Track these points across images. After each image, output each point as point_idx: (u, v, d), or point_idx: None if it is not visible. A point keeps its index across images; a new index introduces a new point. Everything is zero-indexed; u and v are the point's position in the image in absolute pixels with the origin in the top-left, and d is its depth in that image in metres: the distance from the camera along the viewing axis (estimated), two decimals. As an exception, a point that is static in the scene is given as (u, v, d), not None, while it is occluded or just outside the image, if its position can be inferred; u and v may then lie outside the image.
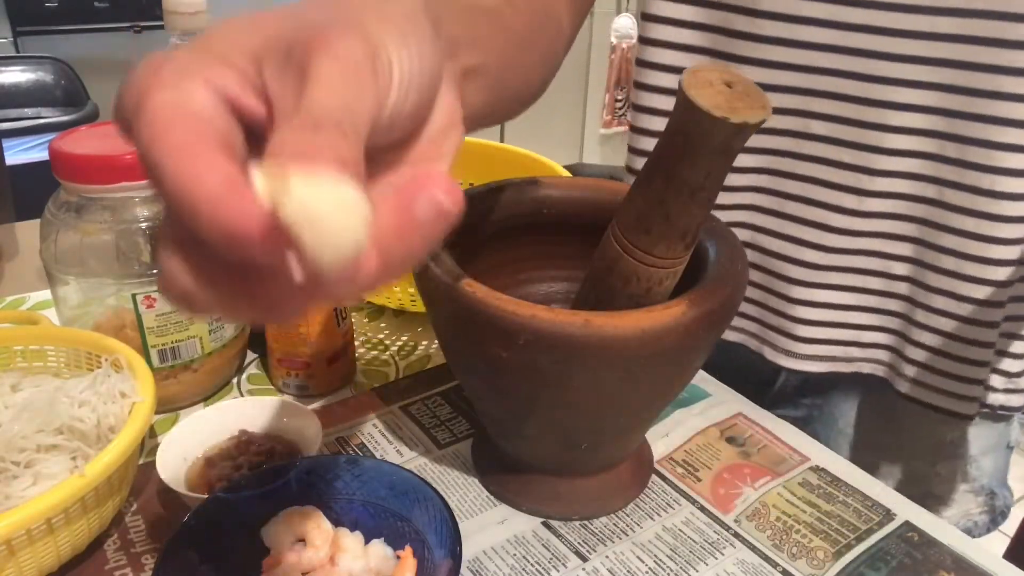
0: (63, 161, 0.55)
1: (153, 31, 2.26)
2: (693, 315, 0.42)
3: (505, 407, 0.50)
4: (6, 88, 1.91)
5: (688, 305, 0.42)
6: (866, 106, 0.55)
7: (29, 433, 0.48)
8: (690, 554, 0.50)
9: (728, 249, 0.48)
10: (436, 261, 0.46)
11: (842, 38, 0.54)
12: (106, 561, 0.48)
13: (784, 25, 0.55)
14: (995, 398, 0.64)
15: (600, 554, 0.50)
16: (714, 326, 0.44)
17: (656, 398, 0.49)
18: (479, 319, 0.43)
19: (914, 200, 0.58)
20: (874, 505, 0.54)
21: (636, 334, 0.41)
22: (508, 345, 0.43)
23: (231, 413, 0.56)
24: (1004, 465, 0.71)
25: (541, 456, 0.53)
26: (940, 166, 0.56)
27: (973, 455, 0.67)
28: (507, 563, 0.49)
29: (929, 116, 0.55)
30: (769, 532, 0.52)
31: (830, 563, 0.49)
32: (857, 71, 0.55)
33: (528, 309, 0.42)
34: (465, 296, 0.43)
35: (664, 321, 0.42)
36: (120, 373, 0.52)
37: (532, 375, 0.45)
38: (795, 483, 0.56)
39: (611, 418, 0.49)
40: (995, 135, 0.53)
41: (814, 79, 0.56)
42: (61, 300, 0.60)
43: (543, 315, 0.41)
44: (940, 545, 0.51)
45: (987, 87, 0.52)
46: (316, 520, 0.45)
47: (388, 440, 0.60)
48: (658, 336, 0.42)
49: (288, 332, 0.62)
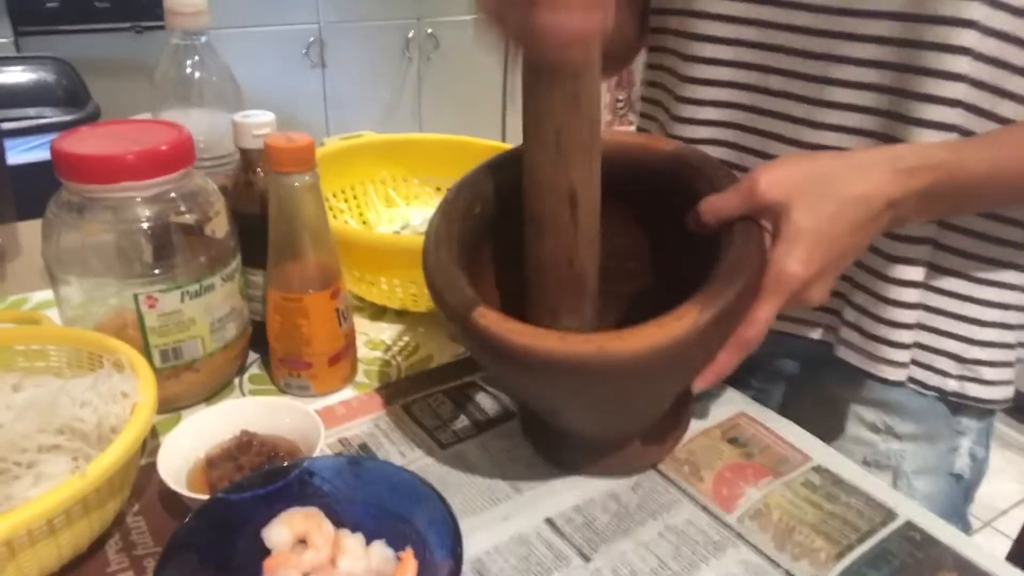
0: (65, 161, 0.55)
1: (154, 31, 2.26)
2: (706, 319, 0.43)
3: (533, 407, 0.54)
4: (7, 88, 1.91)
5: (700, 311, 0.43)
6: (814, 60, 0.58)
7: (30, 433, 0.48)
8: (692, 555, 0.50)
9: (743, 227, 0.48)
10: (450, 289, 0.48)
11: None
12: (107, 562, 0.48)
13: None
14: (948, 383, 0.63)
15: (603, 554, 0.50)
16: (728, 320, 0.45)
17: (678, 389, 0.51)
18: (495, 352, 0.45)
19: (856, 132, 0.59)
20: (876, 505, 0.54)
21: (649, 353, 0.42)
22: (525, 370, 0.45)
23: (233, 413, 0.56)
24: (945, 496, 0.66)
25: (579, 431, 0.56)
26: (881, 120, 0.57)
27: (906, 471, 0.65)
28: (510, 563, 0.49)
29: (872, 70, 0.56)
30: (771, 532, 0.52)
31: (832, 563, 0.49)
32: (808, 26, 0.57)
33: (542, 341, 0.43)
34: (479, 330, 0.45)
35: (676, 334, 0.42)
36: (122, 373, 0.52)
37: (552, 392, 0.47)
38: (797, 483, 0.56)
39: (634, 412, 0.51)
40: (932, 88, 0.54)
41: (772, 34, 0.59)
42: (63, 300, 0.60)
43: (555, 347, 0.43)
44: (942, 545, 0.51)
45: (930, 39, 0.53)
46: (317, 521, 0.45)
47: (391, 440, 0.60)
48: (671, 348, 0.42)
49: (290, 332, 0.62)
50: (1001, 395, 0.63)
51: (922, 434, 0.65)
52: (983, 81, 0.54)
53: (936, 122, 0.54)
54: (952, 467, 0.66)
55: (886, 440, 0.65)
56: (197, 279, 0.59)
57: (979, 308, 0.61)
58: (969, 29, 0.52)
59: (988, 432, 0.68)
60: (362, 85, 2.74)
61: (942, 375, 0.63)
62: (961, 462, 0.66)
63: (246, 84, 0.72)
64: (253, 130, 0.63)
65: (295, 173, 0.58)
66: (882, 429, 0.65)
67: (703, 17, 0.62)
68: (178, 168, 0.57)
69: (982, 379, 0.63)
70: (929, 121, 0.55)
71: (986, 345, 0.62)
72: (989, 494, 1.89)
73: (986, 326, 0.61)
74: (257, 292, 0.67)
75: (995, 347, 0.62)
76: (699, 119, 0.64)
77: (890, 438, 0.65)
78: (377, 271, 0.71)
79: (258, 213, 0.62)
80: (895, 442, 0.65)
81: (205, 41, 0.69)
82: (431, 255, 0.51)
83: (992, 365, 0.62)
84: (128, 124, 0.62)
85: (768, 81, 0.60)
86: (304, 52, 2.58)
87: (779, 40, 0.59)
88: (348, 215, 0.86)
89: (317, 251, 0.61)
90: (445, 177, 0.91)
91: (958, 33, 0.52)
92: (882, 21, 0.54)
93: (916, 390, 0.63)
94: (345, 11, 2.61)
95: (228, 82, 0.71)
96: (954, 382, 0.63)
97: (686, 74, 0.64)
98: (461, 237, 0.52)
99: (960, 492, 0.68)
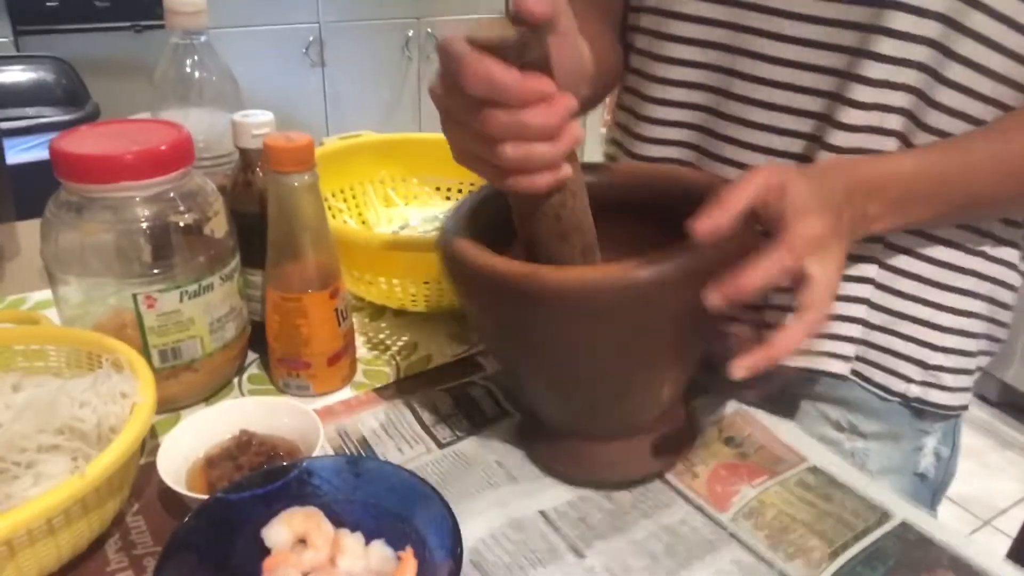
0: (64, 160, 0.55)
1: (154, 30, 2.26)
2: (644, 275, 0.43)
3: (503, 363, 0.56)
4: (6, 87, 1.91)
5: (637, 264, 0.43)
6: (771, 64, 0.58)
7: (30, 433, 0.48)
8: (686, 552, 0.50)
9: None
10: (445, 234, 0.51)
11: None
12: (107, 562, 0.48)
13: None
14: (911, 389, 0.63)
15: (596, 550, 0.50)
16: (672, 289, 0.44)
17: (630, 362, 0.50)
18: (457, 271, 0.49)
19: (795, 135, 0.59)
20: (871, 505, 0.54)
21: (577, 285, 0.43)
22: (475, 295, 0.49)
23: (232, 413, 0.56)
24: (909, 496, 0.64)
25: (559, 418, 0.56)
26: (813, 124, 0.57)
27: (871, 470, 0.65)
28: (507, 550, 0.49)
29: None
30: (766, 531, 0.52)
31: (826, 563, 0.49)
32: (769, 29, 0.57)
33: (488, 259, 0.46)
34: (449, 249, 0.49)
35: (608, 274, 0.44)
36: (121, 373, 0.52)
37: (501, 326, 0.50)
38: (792, 483, 0.56)
39: (592, 378, 0.51)
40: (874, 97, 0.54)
41: (737, 36, 0.59)
42: (62, 300, 0.60)
43: (499, 266, 0.46)
44: (938, 545, 0.51)
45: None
46: (317, 521, 0.45)
47: (389, 436, 0.60)
48: (602, 289, 0.43)
49: (289, 332, 0.62)
50: (960, 402, 0.64)
51: (886, 433, 0.65)
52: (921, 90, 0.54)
53: (873, 127, 0.55)
54: (917, 467, 0.67)
55: (851, 439, 0.65)
56: (196, 279, 0.59)
57: (942, 314, 0.61)
58: (921, 45, 0.52)
59: (954, 432, 0.68)
60: (362, 85, 2.74)
61: (905, 380, 0.63)
62: (926, 461, 0.67)
63: (246, 84, 0.72)
64: (252, 130, 0.63)
65: (294, 173, 0.58)
66: (846, 428, 0.65)
67: (670, 16, 0.61)
68: (177, 168, 0.57)
69: (943, 385, 0.63)
70: (867, 127, 0.55)
71: (948, 352, 0.62)
72: (989, 493, 1.89)
73: (948, 332, 0.61)
74: (256, 292, 0.67)
75: (957, 354, 0.62)
76: (663, 120, 0.64)
77: (855, 436, 0.65)
78: (376, 271, 0.71)
79: (257, 213, 0.62)
80: (859, 440, 0.65)
81: (205, 41, 0.69)
82: (447, 228, 0.53)
83: (953, 372, 0.63)
84: (127, 124, 0.62)
85: (732, 84, 0.60)
86: (304, 51, 2.58)
87: (743, 43, 0.58)
88: (347, 215, 0.86)
89: (316, 251, 0.61)
90: (444, 177, 0.91)
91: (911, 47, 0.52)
92: (835, 29, 0.54)
93: (879, 395, 0.63)
94: (345, 10, 2.61)
95: (228, 82, 0.71)
96: (917, 388, 0.63)
97: (652, 74, 0.64)
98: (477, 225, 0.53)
99: (927, 492, 0.68)
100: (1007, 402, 2.18)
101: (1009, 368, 2.10)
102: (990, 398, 2.19)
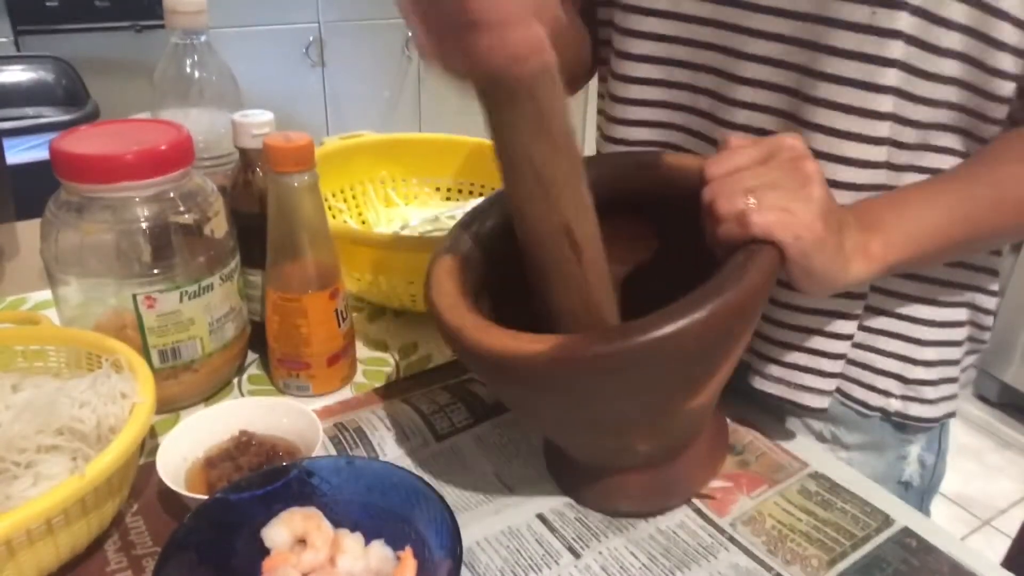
0: (64, 160, 0.55)
1: (154, 30, 2.26)
2: (608, 349, 0.40)
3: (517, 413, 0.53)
4: (6, 87, 1.91)
5: (621, 338, 0.40)
6: (736, 58, 0.57)
7: (29, 433, 0.48)
8: (683, 555, 0.50)
9: (752, 250, 0.45)
10: (439, 291, 0.47)
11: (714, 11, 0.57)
12: (106, 562, 0.48)
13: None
14: (891, 404, 0.62)
15: (593, 550, 0.50)
16: (669, 349, 0.41)
17: (627, 409, 0.47)
18: (455, 347, 0.46)
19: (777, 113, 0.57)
20: (873, 511, 0.54)
21: (547, 362, 0.41)
22: (476, 370, 0.48)
23: (231, 413, 0.56)
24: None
25: (587, 457, 0.53)
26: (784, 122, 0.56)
27: None
28: (500, 555, 0.49)
29: (776, 69, 0.55)
30: (764, 538, 0.51)
31: (824, 571, 0.49)
32: (736, 23, 0.56)
33: (484, 337, 0.43)
34: (441, 324, 0.46)
35: (573, 351, 0.41)
36: (120, 373, 0.52)
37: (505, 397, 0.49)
38: (793, 491, 0.56)
39: (592, 431, 0.49)
40: (834, 95, 0.53)
41: (701, 31, 0.58)
42: (62, 300, 0.60)
43: (495, 345, 0.43)
44: (938, 552, 0.50)
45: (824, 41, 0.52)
46: (316, 521, 0.45)
47: (387, 426, 0.60)
48: (567, 367, 0.41)
49: (289, 332, 0.62)
50: (942, 412, 0.63)
51: (869, 444, 0.64)
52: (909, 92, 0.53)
53: (857, 134, 0.53)
54: (901, 475, 0.66)
55: (834, 449, 0.65)
56: (196, 279, 0.59)
57: (921, 327, 0.60)
58: (898, 40, 0.50)
59: (940, 437, 0.67)
60: (362, 85, 2.73)
61: (885, 395, 0.62)
62: (910, 469, 0.66)
63: (246, 84, 0.72)
64: (252, 130, 0.63)
65: (294, 173, 0.58)
66: (828, 439, 0.65)
67: (636, 12, 0.60)
68: (177, 168, 0.57)
69: (924, 399, 0.62)
70: (848, 133, 0.54)
71: (929, 365, 0.61)
72: (989, 493, 1.89)
73: (928, 345, 0.61)
74: (256, 292, 0.67)
75: (940, 365, 0.62)
76: (632, 119, 0.63)
77: (838, 448, 0.65)
78: (376, 271, 0.71)
79: (257, 213, 0.62)
80: (843, 451, 0.65)
81: (205, 40, 0.69)
82: (436, 269, 0.50)
83: (934, 384, 0.62)
84: (127, 124, 0.62)
85: (698, 80, 0.59)
86: (304, 51, 2.58)
87: (708, 37, 0.57)
88: (347, 215, 0.86)
89: (316, 251, 0.61)
90: (444, 177, 0.91)
91: (888, 45, 0.51)
92: (790, 21, 0.53)
93: (858, 410, 0.63)
94: (345, 10, 2.61)
95: (228, 81, 0.71)
96: (897, 402, 0.62)
97: (620, 72, 0.62)
98: (474, 252, 0.52)
99: (914, 499, 0.67)
100: (1007, 402, 2.17)
101: (1009, 368, 2.10)
102: (990, 398, 2.19)
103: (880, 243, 0.50)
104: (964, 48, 0.51)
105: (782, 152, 0.46)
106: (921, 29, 0.50)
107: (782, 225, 0.44)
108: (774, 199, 0.45)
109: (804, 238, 0.45)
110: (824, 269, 0.47)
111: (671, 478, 0.53)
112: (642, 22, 0.60)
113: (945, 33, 0.50)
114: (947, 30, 0.50)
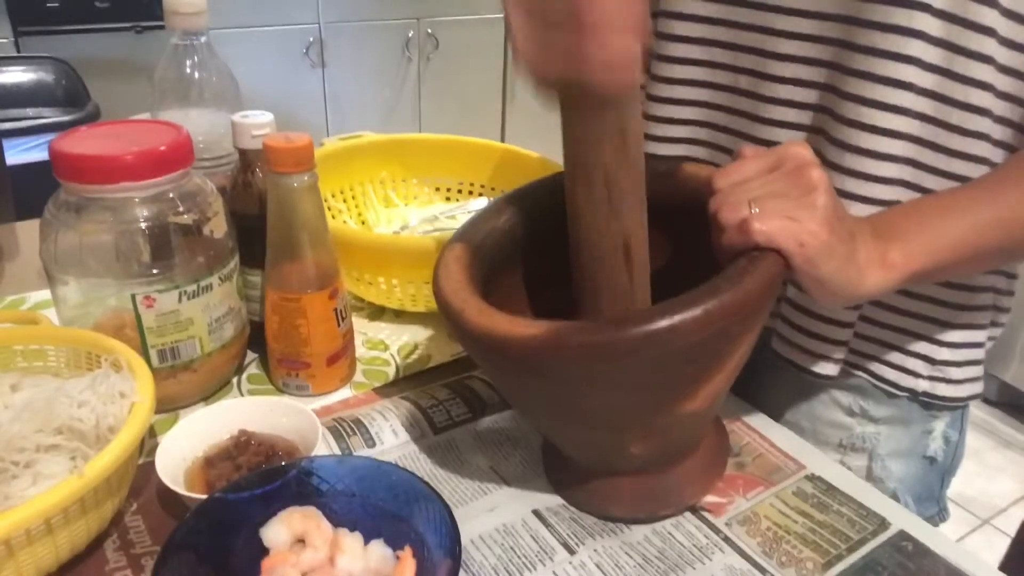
0: (63, 161, 0.55)
1: (154, 31, 2.26)
2: (597, 339, 0.41)
3: (516, 408, 0.54)
4: (7, 88, 1.91)
5: (620, 328, 0.41)
6: (777, 61, 0.58)
7: (29, 433, 0.48)
8: (678, 556, 0.50)
9: (755, 256, 0.45)
10: (446, 273, 0.48)
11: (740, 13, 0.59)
12: (105, 561, 0.48)
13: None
14: (919, 384, 0.63)
15: (588, 547, 0.50)
16: (688, 332, 0.41)
17: (620, 404, 0.47)
18: (458, 333, 0.46)
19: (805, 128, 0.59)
20: (869, 514, 0.54)
21: (533, 344, 0.41)
22: (476, 356, 0.47)
23: (231, 413, 0.56)
24: (918, 478, 0.68)
25: (586, 458, 0.53)
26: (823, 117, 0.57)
27: (880, 454, 0.66)
28: (494, 552, 0.49)
29: (813, 68, 0.57)
30: (759, 539, 0.51)
31: (819, 574, 0.49)
32: (777, 27, 0.58)
33: (489, 322, 0.43)
34: (444, 304, 0.46)
35: (558, 336, 0.41)
36: (120, 373, 0.52)
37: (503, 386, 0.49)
38: (789, 493, 0.55)
39: (585, 425, 0.49)
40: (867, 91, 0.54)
41: (742, 35, 0.59)
42: (61, 300, 0.60)
43: (499, 329, 0.43)
44: (934, 555, 0.50)
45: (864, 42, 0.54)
46: (315, 520, 0.45)
47: (384, 418, 0.60)
48: (551, 350, 0.41)
49: (288, 332, 0.62)
50: (968, 392, 0.64)
51: (896, 418, 0.66)
52: (936, 92, 0.54)
53: (890, 130, 0.55)
54: (926, 450, 0.67)
55: (861, 423, 0.66)
56: (195, 279, 0.59)
57: (947, 310, 0.61)
58: (917, 39, 0.52)
59: (963, 417, 0.69)
60: (362, 85, 2.74)
61: (913, 376, 0.63)
62: (935, 445, 0.67)
63: (246, 84, 0.72)
64: (252, 130, 0.63)
65: (294, 173, 0.58)
66: (857, 412, 0.66)
67: (675, 17, 0.62)
68: (177, 168, 0.58)
69: (950, 379, 0.64)
70: (884, 129, 0.55)
71: (955, 347, 0.63)
72: (989, 493, 1.89)
73: (954, 328, 0.62)
74: (255, 292, 0.67)
75: (965, 347, 0.63)
76: (672, 118, 0.65)
77: (865, 421, 0.66)
78: (376, 271, 0.71)
79: (257, 213, 0.62)
80: (870, 425, 0.66)
81: (205, 41, 0.69)
82: (447, 254, 0.51)
83: (959, 365, 0.63)
84: (127, 124, 0.62)
85: (738, 81, 0.61)
86: (304, 52, 2.58)
87: (748, 41, 0.59)
88: (347, 215, 0.86)
89: (315, 251, 0.61)
90: (444, 177, 0.91)
91: (906, 42, 0.52)
92: (820, 22, 0.55)
93: (887, 390, 0.64)
94: (345, 11, 2.61)
95: (228, 82, 0.71)
96: (925, 383, 0.64)
97: (658, 74, 0.64)
98: (485, 248, 0.52)
99: (936, 475, 0.69)
100: (1007, 402, 2.17)
101: (1009, 368, 2.10)
102: (990, 398, 2.19)
103: (900, 252, 0.49)
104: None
105: (788, 161, 0.47)
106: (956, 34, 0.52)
107: (785, 232, 0.44)
108: (777, 207, 0.45)
109: (808, 244, 0.45)
110: (836, 278, 0.47)
111: (664, 487, 0.53)
112: (682, 27, 0.62)
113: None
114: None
